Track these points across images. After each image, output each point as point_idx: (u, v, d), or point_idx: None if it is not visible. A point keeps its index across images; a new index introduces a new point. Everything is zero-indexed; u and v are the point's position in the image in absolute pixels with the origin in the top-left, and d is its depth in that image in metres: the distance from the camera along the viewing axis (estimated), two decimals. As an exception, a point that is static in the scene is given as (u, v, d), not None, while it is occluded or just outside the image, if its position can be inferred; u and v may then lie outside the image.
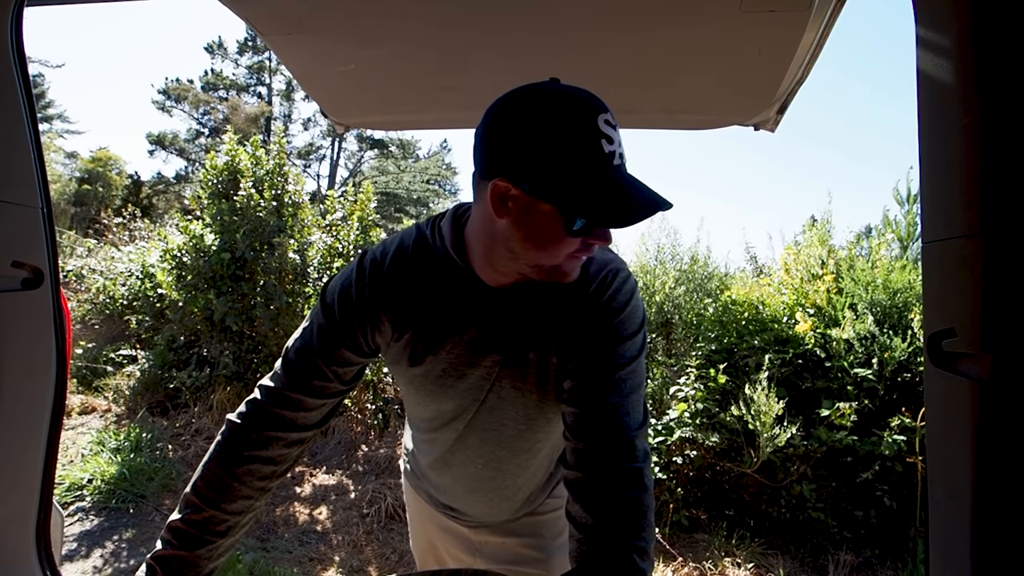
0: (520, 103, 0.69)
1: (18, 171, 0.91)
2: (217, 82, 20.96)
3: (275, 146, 4.69)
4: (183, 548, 0.82)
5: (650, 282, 3.81)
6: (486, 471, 0.99)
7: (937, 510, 0.71)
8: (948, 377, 0.66)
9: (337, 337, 0.86)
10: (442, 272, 0.84)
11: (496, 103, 0.72)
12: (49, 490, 0.99)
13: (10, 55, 0.89)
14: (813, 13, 1.05)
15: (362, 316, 0.86)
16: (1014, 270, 0.58)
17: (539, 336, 0.84)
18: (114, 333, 5.36)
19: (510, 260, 0.76)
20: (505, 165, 0.69)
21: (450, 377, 0.88)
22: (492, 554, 1.12)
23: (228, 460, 0.85)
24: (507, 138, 0.69)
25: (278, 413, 0.86)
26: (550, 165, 0.67)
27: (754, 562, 2.83)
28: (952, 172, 0.65)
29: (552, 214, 0.69)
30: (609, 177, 0.67)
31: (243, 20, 1.22)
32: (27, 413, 0.94)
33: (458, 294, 0.83)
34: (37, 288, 0.92)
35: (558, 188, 0.67)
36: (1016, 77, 0.59)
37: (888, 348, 2.99)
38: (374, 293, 0.85)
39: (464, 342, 0.85)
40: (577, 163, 0.66)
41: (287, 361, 0.88)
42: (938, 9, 0.66)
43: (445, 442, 0.99)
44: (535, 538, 1.10)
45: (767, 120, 1.60)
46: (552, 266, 0.75)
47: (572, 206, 0.67)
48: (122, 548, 2.99)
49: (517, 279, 0.80)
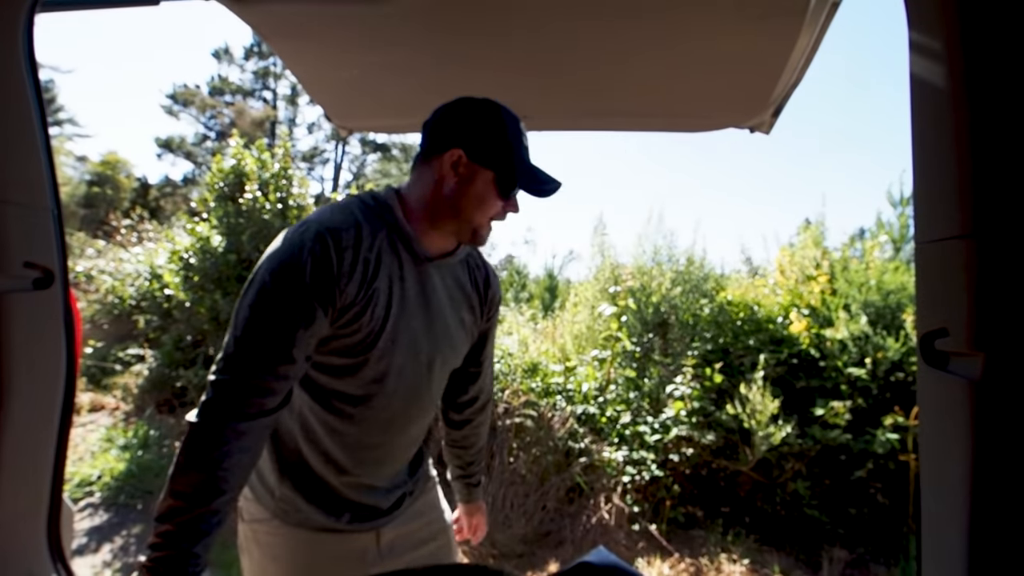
0: (468, 102, 0.97)
1: (29, 174, 0.91)
2: (224, 87, 21.12)
3: (280, 149, 4.75)
4: (178, 547, 0.80)
5: (647, 283, 3.85)
6: (412, 428, 1.08)
7: (929, 507, 0.72)
8: (941, 376, 0.66)
9: (302, 305, 0.85)
10: (390, 237, 0.96)
11: (448, 103, 0.98)
12: (59, 486, 0.98)
13: (22, 60, 0.89)
14: (807, 18, 1.06)
15: (327, 276, 0.86)
16: (1006, 270, 0.59)
17: (461, 300, 1.08)
18: (122, 333, 5.42)
19: (452, 217, 0.96)
20: (459, 139, 0.94)
21: (399, 332, 0.96)
22: (401, 548, 1.13)
23: (209, 461, 0.82)
24: (461, 121, 0.95)
25: (249, 402, 0.85)
26: (491, 142, 0.94)
27: (749, 558, 2.86)
28: (945, 174, 0.65)
29: (491, 180, 0.94)
30: (527, 158, 0.98)
31: (249, 26, 1.24)
32: (38, 411, 0.94)
33: (407, 258, 0.98)
34: (47, 288, 0.92)
35: (497, 159, 0.94)
36: (1008, 80, 0.59)
37: (881, 348, 3.03)
38: (333, 255, 0.87)
39: (413, 303, 0.98)
40: (512, 145, 0.95)
41: (242, 352, 0.85)
42: (930, 13, 0.66)
43: (383, 411, 1.00)
44: (433, 512, 1.22)
45: (762, 122, 1.60)
46: (478, 226, 0.97)
47: (507, 173, 0.95)
48: (131, 543, 3.04)
49: (446, 247, 1.02)
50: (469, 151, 0.93)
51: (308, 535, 1.05)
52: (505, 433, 3.36)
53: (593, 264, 4.26)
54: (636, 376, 3.60)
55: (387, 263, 0.94)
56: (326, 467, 1.03)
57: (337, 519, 1.04)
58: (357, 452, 1.03)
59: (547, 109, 1.66)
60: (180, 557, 0.80)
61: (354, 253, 0.89)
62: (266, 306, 0.85)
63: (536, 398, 3.45)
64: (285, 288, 0.85)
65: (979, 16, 0.61)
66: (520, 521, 3.10)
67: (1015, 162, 0.59)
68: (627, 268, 4.02)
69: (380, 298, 0.93)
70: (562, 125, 1.79)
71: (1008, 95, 0.59)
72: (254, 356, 0.85)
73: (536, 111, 1.65)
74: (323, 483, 1.04)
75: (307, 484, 1.03)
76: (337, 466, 1.03)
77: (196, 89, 20.75)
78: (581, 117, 1.73)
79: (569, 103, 1.63)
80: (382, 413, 1.01)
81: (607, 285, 4.03)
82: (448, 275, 1.07)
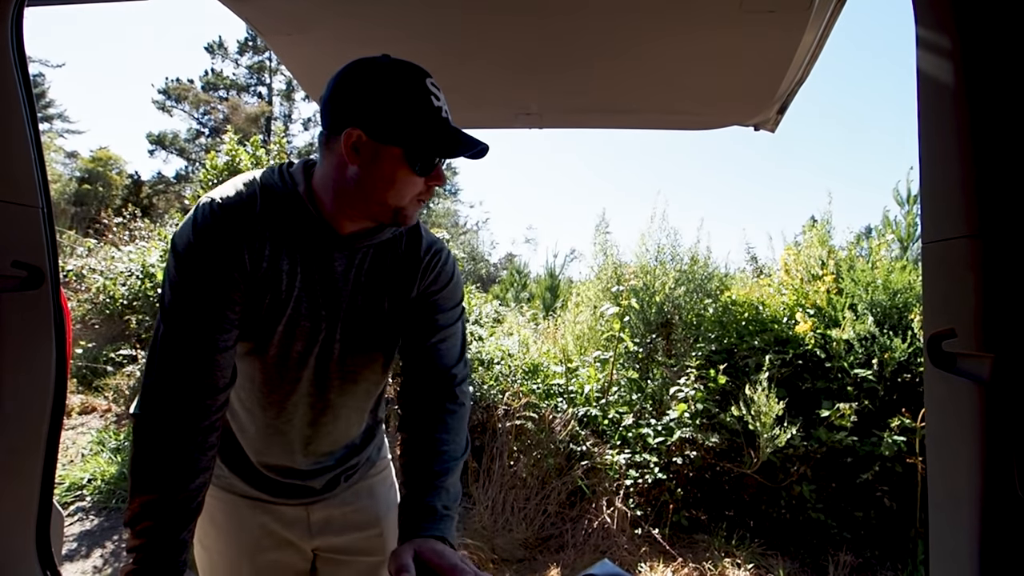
0: (362, 69, 0.84)
1: (18, 171, 0.90)
2: (217, 82, 20.98)
3: (275, 146, 4.70)
4: (164, 536, 0.82)
5: (650, 282, 3.81)
6: (323, 418, 1.03)
7: (937, 511, 0.71)
8: (948, 378, 0.66)
9: (221, 273, 0.85)
10: (292, 216, 0.90)
11: (339, 71, 0.85)
12: (49, 490, 0.98)
13: (10, 54, 0.89)
14: (813, 13, 1.05)
15: (235, 238, 0.86)
16: (1014, 270, 0.58)
17: (380, 285, 0.98)
18: (114, 333, 5.35)
19: (362, 201, 0.87)
20: (355, 116, 0.82)
21: (301, 316, 0.93)
22: (332, 528, 1.13)
23: (179, 448, 0.84)
24: (356, 95, 0.82)
25: (202, 382, 0.85)
26: (392, 114, 0.81)
27: (754, 563, 2.83)
28: (952, 172, 0.65)
29: (398, 156, 0.83)
30: (439, 122, 0.84)
31: (243, 20, 1.22)
32: (27, 413, 0.93)
33: (310, 237, 0.91)
34: (37, 288, 0.92)
35: (401, 132, 0.82)
36: (1016, 78, 0.59)
37: (888, 349, 2.99)
38: (236, 223, 0.86)
39: (317, 281, 0.93)
40: (414, 112, 0.82)
41: (176, 335, 0.85)
42: (938, 10, 0.66)
43: (283, 395, 0.99)
44: (370, 499, 1.17)
45: (767, 120, 1.60)
46: (398, 207, 0.87)
47: (413, 145, 0.82)
48: (122, 548, 2.99)
49: (365, 225, 0.92)
50: (367, 129, 0.81)
51: (240, 501, 1.08)
52: (505, 436, 3.32)
53: (595, 263, 4.21)
54: (639, 377, 3.56)
55: (281, 242, 0.89)
56: (243, 437, 1.04)
57: (260, 491, 1.07)
58: (266, 434, 1.03)
59: (551, 106, 1.66)
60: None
61: (245, 229, 0.86)
62: (181, 289, 0.86)
63: (537, 400, 3.41)
64: (183, 267, 0.85)
65: (987, 14, 0.60)
66: (521, 525, 3.07)
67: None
68: (630, 267, 3.97)
69: (271, 278, 0.89)
70: (566, 122, 1.78)
71: (1017, 93, 0.58)
72: (182, 336, 0.85)
73: (539, 108, 1.64)
74: (243, 455, 1.05)
75: (229, 453, 1.05)
76: (251, 442, 1.04)
77: (189, 84, 20.60)
78: (585, 114, 1.72)
79: (573, 100, 1.63)
80: (282, 397, 0.99)
81: (609, 284, 3.98)
82: (366, 258, 0.97)
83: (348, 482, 1.14)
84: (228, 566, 1.10)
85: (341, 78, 0.85)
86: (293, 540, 1.11)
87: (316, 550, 1.15)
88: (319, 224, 0.90)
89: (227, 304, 0.86)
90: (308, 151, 21.21)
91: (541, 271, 8.39)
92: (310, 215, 0.90)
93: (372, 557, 1.17)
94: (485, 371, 3.60)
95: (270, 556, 1.10)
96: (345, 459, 1.12)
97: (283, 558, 1.11)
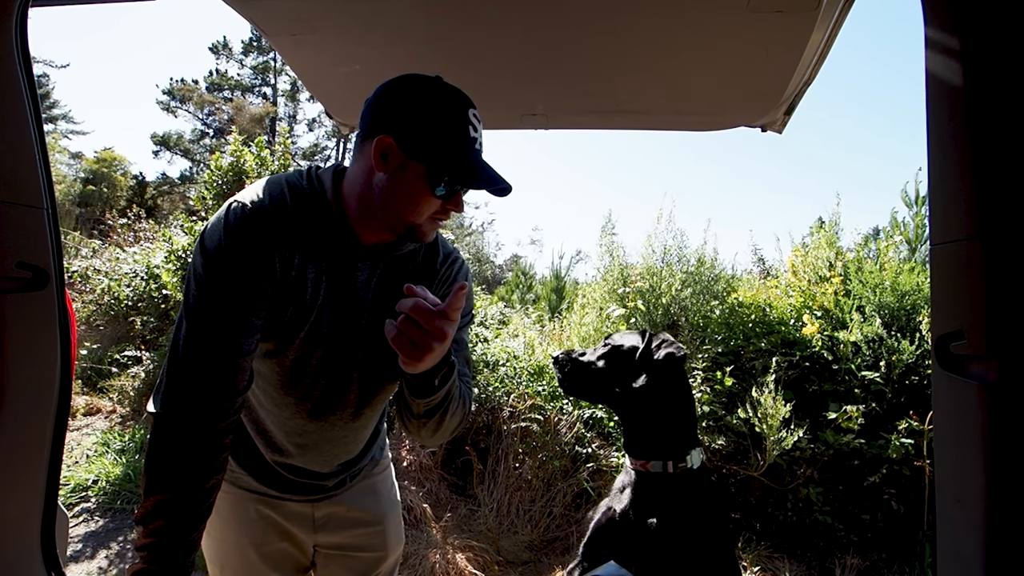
0: (413, 83, 0.85)
1: (22, 172, 0.90)
2: (222, 82, 21.05)
3: (280, 147, 4.70)
4: (176, 535, 0.82)
5: (656, 284, 3.79)
6: (345, 424, 1.04)
7: (944, 514, 0.71)
8: (956, 380, 0.66)
9: (251, 279, 0.84)
10: (319, 221, 0.91)
11: (390, 80, 0.87)
12: (54, 491, 0.98)
13: (15, 55, 0.89)
14: (821, 13, 1.05)
15: (267, 244, 0.86)
16: (1023, 273, 0.58)
17: (398, 295, 0.96)
18: (119, 334, 5.36)
19: (381, 211, 0.87)
20: (391, 125, 0.83)
21: (324, 324, 0.93)
22: (335, 525, 1.16)
23: (197, 449, 0.84)
24: (397, 106, 0.84)
25: (223, 384, 0.85)
26: (427, 133, 0.83)
27: (760, 565, 2.81)
28: (961, 174, 0.65)
29: (421, 174, 0.84)
30: (468, 152, 0.84)
31: (248, 21, 1.22)
32: (32, 414, 0.93)
33: (335, 245, 0.92)
34: (42, 289, 0.92)
35: (429, 152, 0.83)
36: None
37: (896, 351, 2.97)
38: (268, 229, 0.86)
39: (340, 290, 0.93)
40: (447, 136, 0.83)
41: (200, 337, 0.84)
42: (947, 11, 0.66)
43: (304, 399, 0.99)
44: (372, 497, 1.20)
45: (774, 121, 1.59)
46: (415, 223, 0.88)
47: (437, 168, 0.83)
48: (127, 549, 2.99)
49: (384, 238, 0.93)
50: (399, 139, 0.82)
51: (245, 495, 1.10)
52: (511, 438, 3.31)
53: (601, 264, 4.18)
54: (644, 379, 3.52)
55: (309, 249, 0.89)
56: (258, 437, 1.06)
57: (268, 487, 1.09)
58: (288, 436, 1.04)
59: (556, 107, 1.66)
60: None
61: (277, 235, 0.86)
62: (208, 292, 0.85)
63: (543, 402, 3.39)
64: (213, 269, 0.84)
65: (996, 15, 0.60)
66: (526, 527, 3.06)
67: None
68: (636, 269, 3.95)
69: (298, 284, 0.89)
70: (571, 123, 1.78)
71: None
72: (207, 338, 0.84)
73: (545, 109, 1.63)
74: (256, 452, 1.07)
75: (241, 449, 1.08)
76: (268, 440, 1.06)
77: (194, 85, 20.67)
78: (591, 115, 1.72)
79: (579, 101, 1.63)
80: (298, 400, 0.99)
81: (615, 286, 3.96)
82: (388, 269, 0.98)
83: (353, 481, 1.17)
84: (238, 553, 1.13)
85: (388, 86, 0.87)
86: (296, 534, 1.14)
87: (317, 546, 1.18)
88: (345, 232, 0.91)
89: (254, 309, 0.86)
90: (313, 152, 21.27)
91: (547, 272, 8.38)
92: (336, 222, 0.90)
93: (372, 553, 1.20)
94: (490, 373, 3.59)
95: (276, 546, 1.13)
96: (357, 460, 1.15)
97: (287, 548, 1.14)
